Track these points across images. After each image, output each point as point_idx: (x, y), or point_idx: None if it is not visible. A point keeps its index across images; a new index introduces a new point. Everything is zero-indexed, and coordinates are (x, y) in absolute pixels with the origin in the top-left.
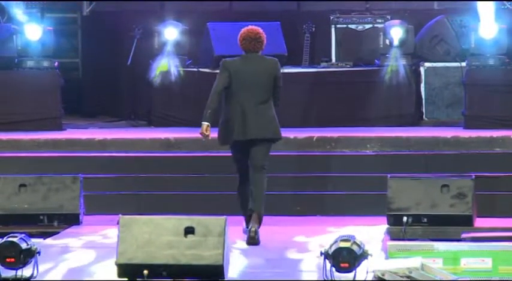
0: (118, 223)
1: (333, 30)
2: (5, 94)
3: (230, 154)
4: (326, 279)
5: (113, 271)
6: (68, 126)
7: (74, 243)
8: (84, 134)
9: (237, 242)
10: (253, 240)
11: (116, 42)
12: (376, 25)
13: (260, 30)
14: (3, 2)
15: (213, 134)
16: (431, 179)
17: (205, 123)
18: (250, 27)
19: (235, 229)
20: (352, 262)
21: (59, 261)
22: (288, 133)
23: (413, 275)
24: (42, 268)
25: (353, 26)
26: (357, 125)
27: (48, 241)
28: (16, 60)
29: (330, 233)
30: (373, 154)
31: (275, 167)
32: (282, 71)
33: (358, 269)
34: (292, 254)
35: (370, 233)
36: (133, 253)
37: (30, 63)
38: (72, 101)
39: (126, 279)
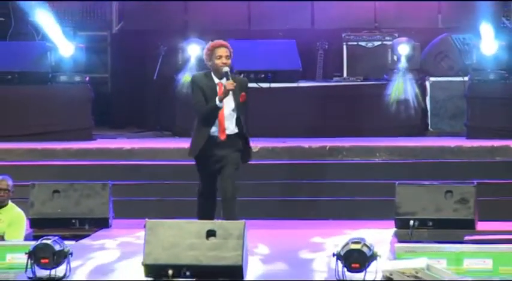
0: (145, 227)
1: (344, 47)
2: (40, 107)
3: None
4: (338, 279)
5: (138, 270)
6: (98, 137)
7: (104, 245)
8: (113, 144)
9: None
10: None
11: (142, 59)
12: (384, 42)
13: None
14: (38, 21)
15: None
16: (436, 185)
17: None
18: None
19: (255, 232)
20: (362, 262)
21: (88, 260)
22: (303, 143)
23: (420, 275)
24: (73, 266)
25: (363, 43)
26: (367, 135)
27: (80, 242)
28: (50, 75)
29: (341, 235)
30: (382, 162)
31: (292, 174)
32: (297, 85)
33: (368, 269)
34: (305, 255)
35: (379, 235)
36: (159, 254)
37: (63, 78)
38: (102, 113)
39: (151, 279)
